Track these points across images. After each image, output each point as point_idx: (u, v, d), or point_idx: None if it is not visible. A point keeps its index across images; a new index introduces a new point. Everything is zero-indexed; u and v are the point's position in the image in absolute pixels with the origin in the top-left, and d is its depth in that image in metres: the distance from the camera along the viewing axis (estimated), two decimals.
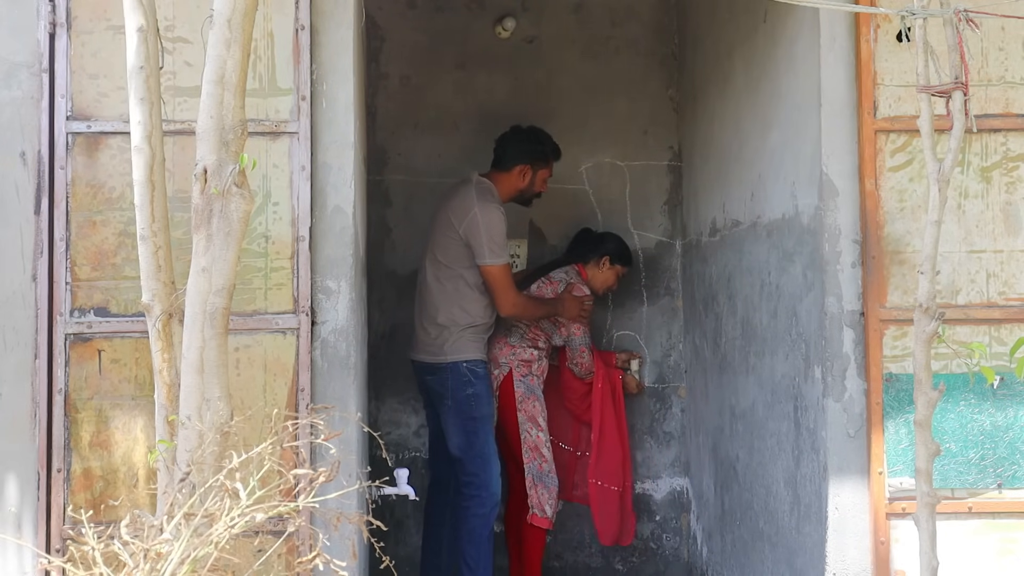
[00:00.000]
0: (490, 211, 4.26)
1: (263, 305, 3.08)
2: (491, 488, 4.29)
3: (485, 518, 4.30)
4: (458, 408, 4.33)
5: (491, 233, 4.24)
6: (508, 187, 4.40)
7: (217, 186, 2.39)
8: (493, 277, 4.27)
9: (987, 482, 3.08)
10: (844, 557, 3.07)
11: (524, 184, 4.40)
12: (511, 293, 4.29)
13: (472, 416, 4.31)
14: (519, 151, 4.40)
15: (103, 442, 3.02)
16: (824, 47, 3.14)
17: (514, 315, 4.35)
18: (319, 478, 2.31)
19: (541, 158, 4.41)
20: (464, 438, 4.33)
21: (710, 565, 4.41)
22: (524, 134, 4.44)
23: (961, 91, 2.43)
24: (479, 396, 4.31)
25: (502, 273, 4.26)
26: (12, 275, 3.05)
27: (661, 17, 5.09)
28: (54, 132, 3.07)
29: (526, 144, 4.41)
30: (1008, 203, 3.12)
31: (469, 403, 4.31)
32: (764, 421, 3.68)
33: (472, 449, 4.31)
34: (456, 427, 4.36)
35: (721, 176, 4.29)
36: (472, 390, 4.31)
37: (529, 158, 4.39)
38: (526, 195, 4.46)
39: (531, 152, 4.39)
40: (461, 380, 4.31)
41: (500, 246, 4.25)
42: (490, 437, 4.33)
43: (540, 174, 4.43)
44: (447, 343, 4.31)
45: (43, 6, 3.08)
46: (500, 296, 4.28)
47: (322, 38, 3.14)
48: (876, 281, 3.08)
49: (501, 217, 4.26)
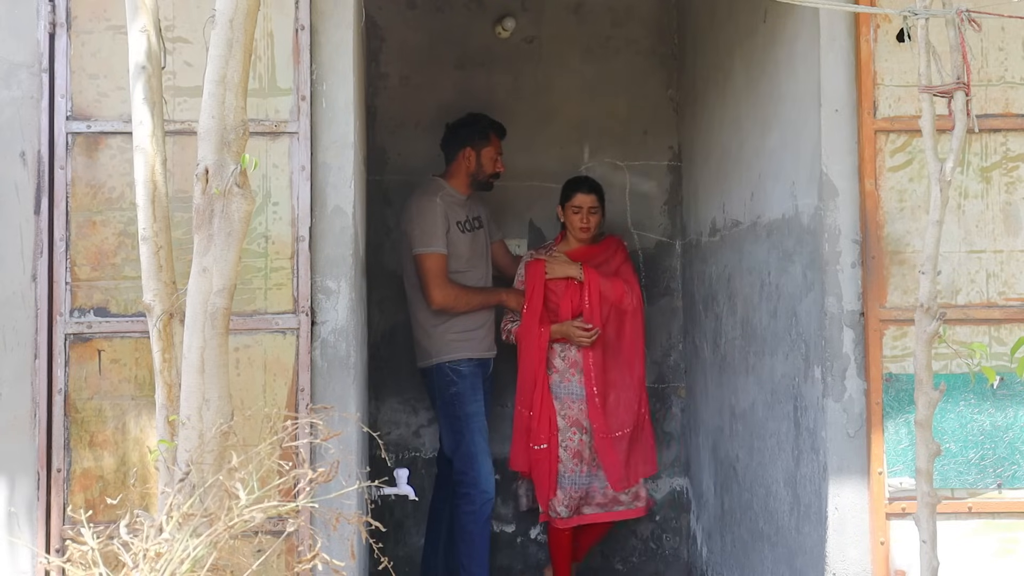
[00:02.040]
0: (422, 201, 4.33)
1: (263, 305, 3.08)
2: (480, 486, 4.31)
3: (475, 515, 4.32)
4: (445, 408, 4.38)
5: (420, 221, 4.30)
6: (460, 176, 4.44)
7: (218, 186, 2.39)
8: (421, 267, 4.28)
9: (987, 482, 3.08)
10: (844, 557, 3.07)
11: (472, 167, 4.42)
12: (439, 284, 4.26)
13: (456, 415, 4.35)
14: (456, 137, 4.46)
15: (103, 442, 3.02)
16: (824, 47, 3.14)
17: (444, 307, 4.29)
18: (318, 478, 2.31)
19: (479, 136, 4.42)
20: (452, 437, 4.40)
21: (710, 565, 4.41)
22: (458, 121, 4.50)
23: (963, 91, 2.43)
24: (462, 395, 4.34)
25: (431, 263, 4.25)
26: (12, 275, 3.05)
27: (661, 17, 5.09)
28: (54, 132, 3.07)
29: (461, 129, 4.46)
30: (1008, 203, 3.12)
31: (453, 402, 4.35)
32: (764, 421, 3.68)
33: (459, 448, 4.36)
34: (445, 427, 4.44)
35: (721, 176, 4.29)
36: (455, 389, 4.35)
37: (467, 140, 4.42)
38: (479, 178, 4.45)
39: (467, 134, 4.43)
40: (444, 380, 4.36)
41: (429, 235, 4.26)
42: (477, 435, 4.34)
43: (485, 153, 4.43)
44: (431, 346, 4.39)
45: (43, 6, 3.07)
46: (427, 287, 4.27)
47: (322, 38, 3.14)
48: (876, 281, 3.08)
49: (434, 206, 4.29)
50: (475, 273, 4.46)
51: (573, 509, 4.40)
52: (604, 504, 4.44)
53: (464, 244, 4.40)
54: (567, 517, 4.39)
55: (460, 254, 4.39)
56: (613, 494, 4.41)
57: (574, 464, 4.38)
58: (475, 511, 4.32)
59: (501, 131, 4.52)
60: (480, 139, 4.43)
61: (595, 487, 4.42)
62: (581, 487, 4.40)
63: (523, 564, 4.90)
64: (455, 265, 4.37)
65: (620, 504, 4.43)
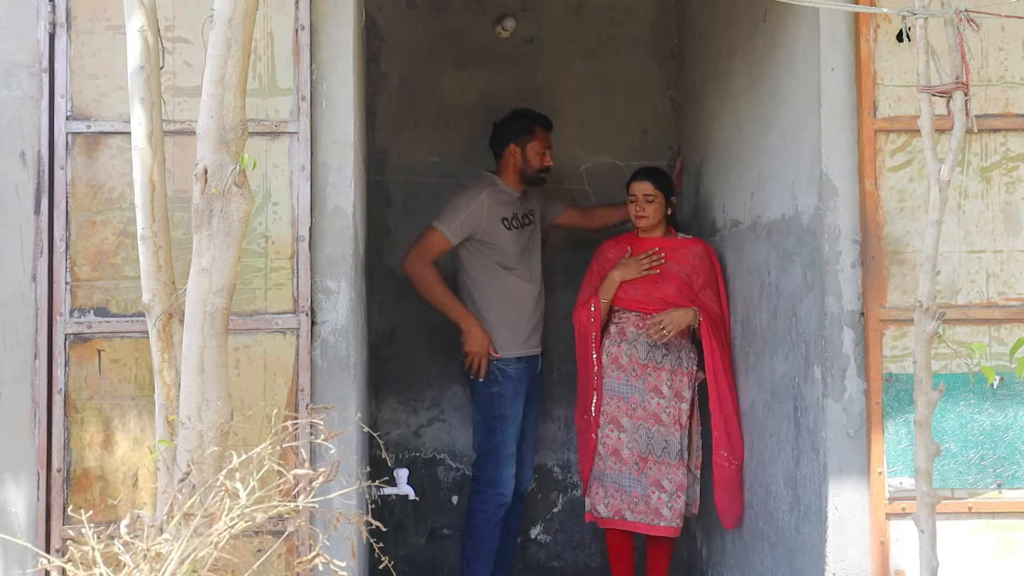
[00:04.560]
0: (464, 192, 4.37)
1: (263, 305, 3.08)
2: (499, 488, 4.31)
3: (488, 514, 4.32)
4: (481, 403, 4.36)
5: (451, 205, 4.33)
6: (510, 173, 4.41)
7: (217, 186, 2.39)
8: (422, 234, 4.33)
9: (987, 482, 3.08)
10: (844, 557, 3.07)
11: (519, 163, 4.40)
12: (421, 256, 4.28)
13: (492, 414, 4.33)
14: (502, 135, 4.43)
15: (103, 442, 3.02)
16: (824, 47, 3.14)
17: (408, 275, 4.32)
18: (319, 478, 2.31)
19: (523, 132, 4.39)
20: (482, 433, 4.37)
21: (710, 565, 4.40)
22: (503, 119, 4.47)
23: (962, 91, 2.43)
24: (504, 396, 4.32)
25: (432, 236, 4.29)
26: (12, 275, 3.05)
27: (661, 17, 5.09)
28: (54, 132, 3.07)
29: (505, 125, 4.43)
30: (1008, 203, 3.12)
31: (492, 401, 4.33)
32: (764, 421, 3.68)
33: (486, 446, 4.34)
34: (477, 421, 4.42)
35: (721, 176, 4.29)
36: (498, 388, 4.32)
37: (511, 137, 4.40)
38: (528, 174, 4.41)
39: (511, 131, 4.40)
40: (488, 377, 4.33)
41: (448, 218, 4.29)
42: (509, 439, 4.33)
43: (530, 148, 4.39)
44: None
45: (43, 6, 3.07)
46: (412, 249, 4.32)
47: (322, 38, 3.14)
48: (876, 281, 3.08)
49: (472, 201, 4.30)
50: (523, 270, 4.40)
51: (614, 510, 4.17)
52: (646, 514, 4.13)
53: (510, 240, 4.36)
54: (607, 518, 4.18)
55: (507, 250, 4.35)
56: (656, 506, 4.11)
57: (613, 461, 4.16)
58: (488, 510, 4.33)
59: (547, 124, 4.46)
60: (524, 134, 4.39)
61: (637, 492, 4.14)
62: (622, 488, 4.15)
63: (523, 564, 4.90)
64: (503, 260, 4.35)
65: (662, 519, 4.11)
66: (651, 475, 4.12)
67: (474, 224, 4.28)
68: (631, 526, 4.17)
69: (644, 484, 4.12)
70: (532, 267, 4.45)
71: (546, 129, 4.45)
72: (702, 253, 4.23)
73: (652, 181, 4.28)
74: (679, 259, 4.22)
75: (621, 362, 4.18)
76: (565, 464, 4.95)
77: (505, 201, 4.37)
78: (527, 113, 4.44)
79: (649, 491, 4.12)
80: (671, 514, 4.11)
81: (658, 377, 4.15)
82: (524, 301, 4.39)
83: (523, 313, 4.39)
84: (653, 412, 4.14)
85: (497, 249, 4.34)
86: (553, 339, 4.70)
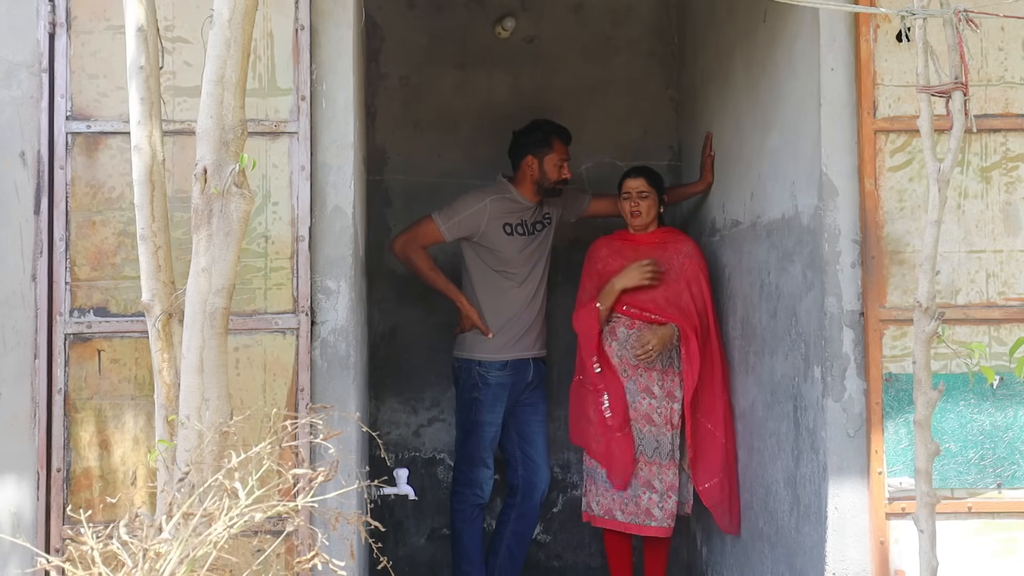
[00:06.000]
0: (474, 191, 4.38)
1: (263, 305, 3.08)
2: (475, 488, 4.36)
3: (464, 514, 4.36)
4: (461, 405, 4.42)
5: (456, 201, 4.34)
6: (527, 183, 4.39)
7: (217, 186, 2.39)
8: (418, 220, 4.37)
9: (987, 482, 3.08)
10: (844, 557, 3.07)
11: (536, 174, 4.36)
12: (412, 240, 4.32)
13: (469, 419, 4.38)
14: (519, 146, 4.41)
15: (102, 442, 3.02)
16: (824, 47, 3.14)
17: (397, 253, 4.37)
18: (318, 478, 2.31)
19: (542, 143, 4.35)
20: (460, 434, 4.42)
21: (710, 565, 4.40)
22: (522, 130, 4.44)
23: (961, 91, 2.43)
24: (481, 403, 4.33)
25: (426, 224, 4.32)
26: (12, 275, 3.05)
27: (661, 17, 5.09)
28: (54, 132, 3.07)
29: (523, 137, 4.41)
30: (1008, 203, 3.12)
31: (470, 406, 4.37)
32: (764, 421, 3.68)
33: (463, 448, 4.38)
34: (457, 424, 4.48)
35: (721, 176, 4.29)
36: (476, 395, 4.34)
37: (528, 148, 4.37)
38: (544, 185, 4.38)
39: (528, 143, 4.38)
40: (469, 381, 4.36)
41: (448, 213, 4.31)
42: (484, 443, 4.35)
43: (548, 160, 4.34)
44: (465, 337, 4.37)
45: (43, 6, 3.08)
46: (405, 232, 4.37)
47: (322, 38, 3.14)
48: (876, 281, 3.08)
49: (477, 202, 4.31)
50: (520, 276, 4.37)
51: (605, 510, 4.18)
52: (636, 514, 4.12)
53: (510, 246, 4.33)
54: (599, 516, 4.19)
55: (506, 255, 4.34)
56: (647, 507, 4.11)
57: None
58: (465, 510, 4.34)
59: (566, 136, 4.41)
60: (542, 146, 4.34)
61: (628, 493, 4.12)
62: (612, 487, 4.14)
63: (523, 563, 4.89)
64: (501, 265, 4.34)
65: (652, 519, 4.11)
66: (642, 475, 4.11)
67: (471, 227, 4.29)
68: (622, 526, 4.17)
69: (634, 484, 4.12)
70: (533, 273, 4.42)
71: (565, 141, 4.40)
72: (691, 251, 4.26)
73: (645, 178, 4.30)
74: (668, 257, 4.24)
75: (611, 362, 4.18)
76: (565, 464, 4.95)
77: (512, 209, 4.35)
78: (546, 125, 4.40)
79: (640, 491, 4.12)
80: (662, 514, 4.11)
81: (649, 377, 4.15)
82: (512, 306, 4.37)
83: (511, 318, 4.36)
84: (644, 412, 4.14)
85: (496, 253, 4.33)
86: (552, 339, 4.70)
